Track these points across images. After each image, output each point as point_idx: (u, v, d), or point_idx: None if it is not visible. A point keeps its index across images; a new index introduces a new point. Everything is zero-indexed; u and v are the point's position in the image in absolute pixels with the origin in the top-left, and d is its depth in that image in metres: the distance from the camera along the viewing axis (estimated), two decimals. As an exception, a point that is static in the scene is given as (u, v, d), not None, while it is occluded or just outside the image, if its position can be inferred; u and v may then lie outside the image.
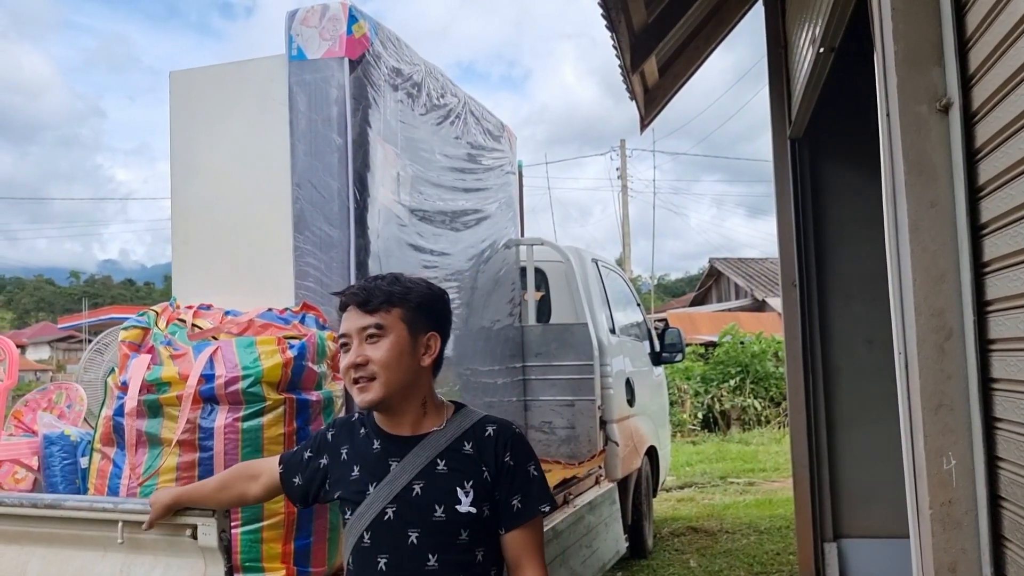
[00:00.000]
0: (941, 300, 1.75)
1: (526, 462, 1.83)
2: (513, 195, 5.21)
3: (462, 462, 1.78)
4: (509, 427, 1.86)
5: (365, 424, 1.90)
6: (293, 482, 1.95)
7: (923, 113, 1.78)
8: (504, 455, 1.80)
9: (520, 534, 1.77)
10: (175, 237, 3.58)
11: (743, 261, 26.67)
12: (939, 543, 1.72)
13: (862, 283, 4.89)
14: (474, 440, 1.81)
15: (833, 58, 3.63)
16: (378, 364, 1.77)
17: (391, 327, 1.80)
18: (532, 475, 1.82)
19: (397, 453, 1.80)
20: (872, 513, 4.79)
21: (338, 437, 1.91)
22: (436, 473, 1.77)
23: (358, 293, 1.83)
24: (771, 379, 15.07)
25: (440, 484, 1.76)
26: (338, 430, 1.93)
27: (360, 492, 1.79)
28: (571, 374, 5.10)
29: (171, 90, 3.59)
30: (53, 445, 3.04)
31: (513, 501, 1.77)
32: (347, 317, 1.83)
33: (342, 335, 1.83)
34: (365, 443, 1.86)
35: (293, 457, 1.99)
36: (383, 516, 1.75)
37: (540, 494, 1.82)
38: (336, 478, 1.87)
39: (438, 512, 1.74)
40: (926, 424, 1.75)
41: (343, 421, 1.98)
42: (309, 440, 2.01)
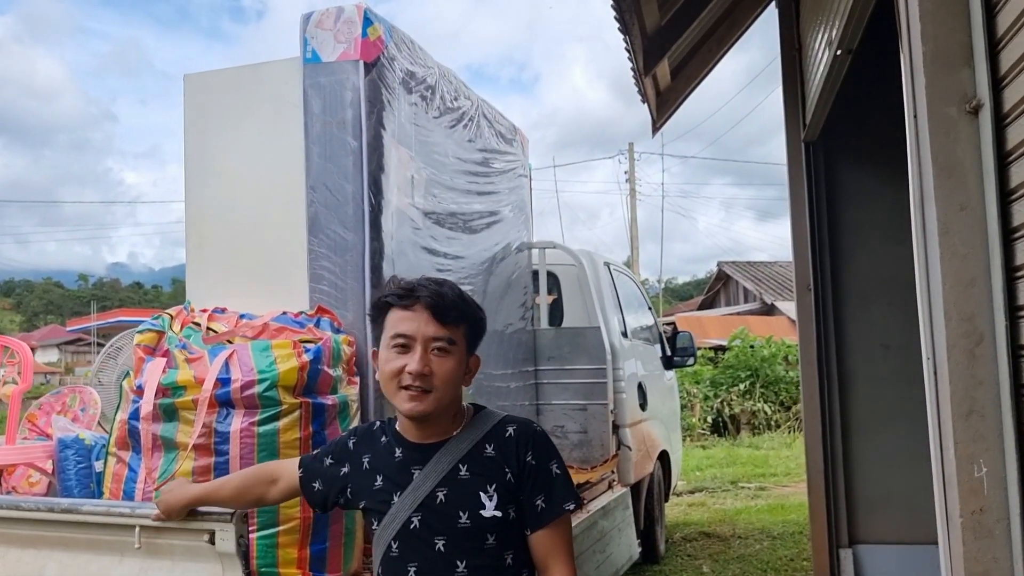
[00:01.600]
0: (972, 304, 1.72)
1: (548, 460, 1.79)
2: (525, 198, 5.19)
3: (484, 465, 1.75)
4: (530, 425, 1.83)
5: (386, 432, 1.88)
6: (313, 487, 1.93)
7: (952, 115, 1.76)
8: (526, 455, 1.76)
9: (546, 534, 1.74)
10: (189, 240, 3.57)
11: (752, 265, 26.59)
12: (970, 552, 1.69)
13: (878, 287, 4.86)
14: (495, 442, 1.78)
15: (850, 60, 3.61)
16: (440, 379, 1.74)
17: (459, 344, 1.78)
18: (555, 473, 1.78)
19: (420, 461, 1.77)
20: (888, 519, 4.75)
21: (359, 445, 1.89)
22: (459, 479, 1.74)
23: (433, 298, 1.76)
24: (781, 383, 15.00)
25: (463, 490, 1.73)
26: (359, 439, 1.91)
27: (385, 502, 1.77)
28: (584, 378, 5.08)
29: (185, 93, 3.59)
30: (68, 449, 3.03)
31: (537, 501, 1.74)
32: (413, 318, 1.75)
33: (403, 335, 1.74)
34: (387, 452, 1.83)
35: (313, 462, 1.97)
36: (409, 525, 1.73)
37: (564, 492, 1.77)
38: (359, 487, 1.84)
39: (463, 519, 1.71)
40: (956, 431, 1.72)
41: (364, 430, 1.95)
42: (329, 446, 1.98)
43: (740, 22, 5.89)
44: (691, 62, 6.11)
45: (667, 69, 5.84)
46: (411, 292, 1.77)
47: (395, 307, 1.78)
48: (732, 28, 5.95)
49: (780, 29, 5.07)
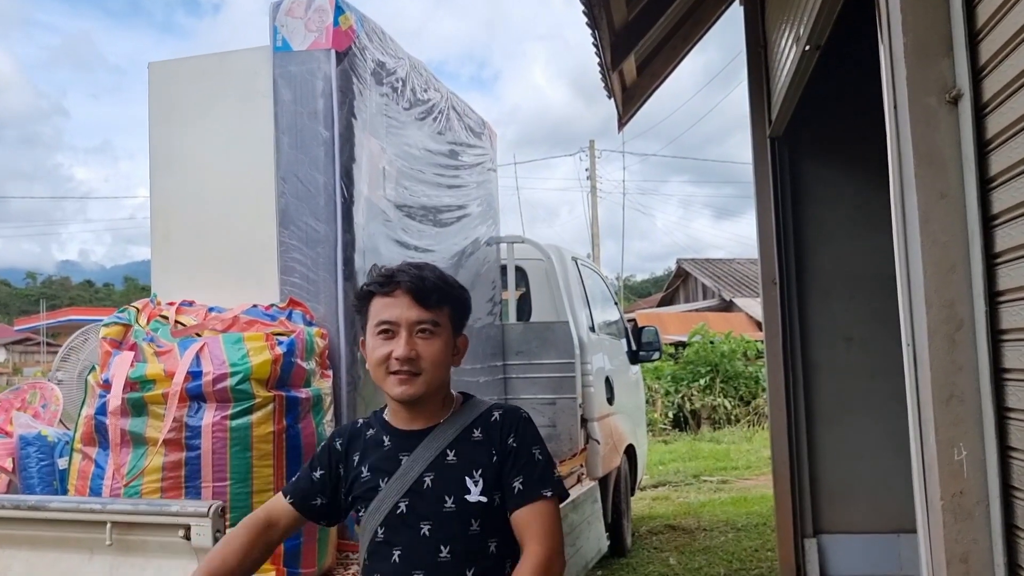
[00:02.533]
0: (952, 291, 1.75)
1: (531, 444, 1.78)
2: (493, 192, 5.18)
3: (471, 450, 1.76)
4: (517, 411, 1.84)
5: (372, 425, 1.87)
6: (314, 505, 1.84)
7: (932, 105, 1.78)
8: (508, 437, 1.77)
9: (524, 515, 1.71)
10: (154, 233, 3.49)
11: (711, 262, 26.89)
12: (950, 534, 1.72)
13: (841, 281, 4.94)
14: (482, 426, 1.79)
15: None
16: (428, 361, 1.74)
17: (444, 325, 1.79)
18: (536, 458, 1.77)
19: (407, 447, 1.77)
20: (852, 509, 4.83)
21: (347, 445, 1.86)
22: (446, 464, 1.74)
23: (413, 281, 1.77)
24: (741, 378, 15.20)
25: (450, 474, 1.73)
26: (345, 438, 1.88)
27: (373, 489, 1.76)
28: (552, 372, 5.08)
29: (150, 82, 3.50)
30: (30, 446, 2.94)
31: (515, 483, 1.73)
32: (395, 304, 1.76)
33: (386, 321, 1.75)
34: (374, 443, 1.82)
35: (300, 484, 1.88)
36: (396, 510, 1.73)
37: (542, 477, 1.75)
38: (350, 483, 1.83)
39: (448, 503, 1.71)
40: (937, 416, 1.75)
41: (347, 428, 1.92)
42: (314, 459, 1.90)
43: (705, 19, 5.94)
44: (656, 58, 6.15)
45: (633, 65, 5.87)
46: (391, 278, 1.78)
47: (377, 295, 1.79)
48: (697, 25, 6.00)
49: (745, 26, 5.11)
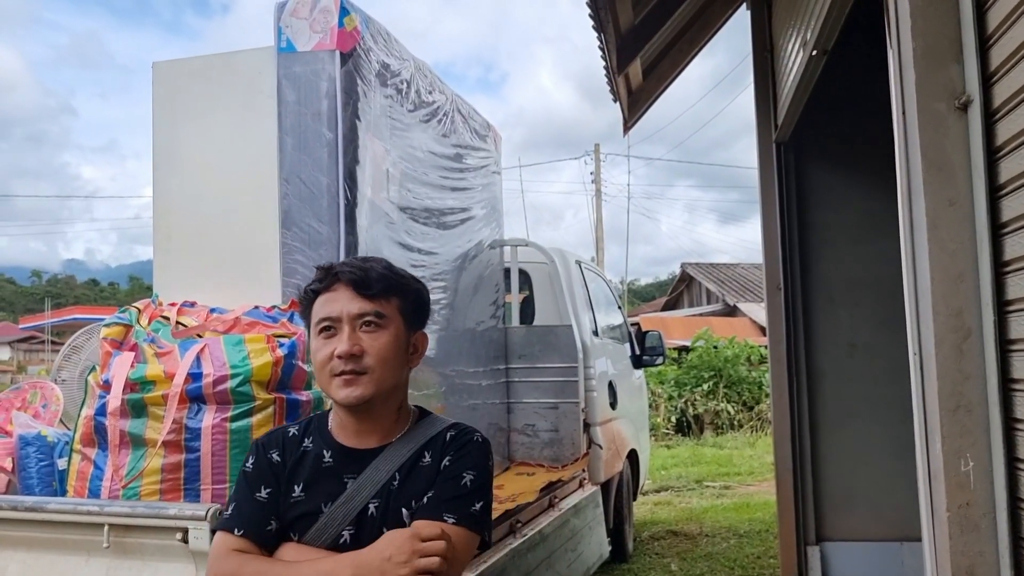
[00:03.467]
0: (959, 300, 1.73)
1: (464, 468, 1.59)
2: (498, 195, 5.17)
3: (417, 476, 1.58)
4: (470, 433, 1.66)
5: (306, 434, 1.65)
6: (269, 532, 1.57)
7: (941, 111, 1.76)
8: (446, 457, 1.60)
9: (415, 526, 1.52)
10: (157, 232, 3.48)
11: (715, 266, 26.85)
12: (956, 546, 1.69)
13: (845, 288, 4.92)
14: (433, 449, 1.61)
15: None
16: (375, 358, 1.57)
17: (391, 318, 1.62)
18: (462, 482, 1.57)
19: (354, 469, 1.58)
20: (855, 516, 4.81)
21: (283, 455, 1.63)
22: (391, 490, 1.57)
23: (355, 272, 1.62)
24: (744, 383, 15.16)
25: (393, 504, 1.56)
26: (280, 448, 1.64)
27: (312, 514, 1.56)
28: (555, 376, 5.06)
29: (154, 81, 3.50)
30: (29, 446, 2.92)
31: (425, 497, 1.55)
32: (335, 298, 1.59)
33: (327, 319, 1.58)
34: (312, 458, 1.61)
35: (245, 511, 1.59)
36: (339, 540, 1.54)
37: (455, 499, 1.55)
38: (284, 504, 1.59)
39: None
40: (943, 425, 1.73)
41: (278, 438, 1.66)
42: (248, 478, 1.62)
43: (711, 24, 5.92)
44: (662, 62, 6.14)
45: (639, 69, 5.86)
46: (329, 272, 1.64)
47: (319, 293, 1.63)
48: (703, 29, 5.98)
49: (752, 31, 5.10)
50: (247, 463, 1.64)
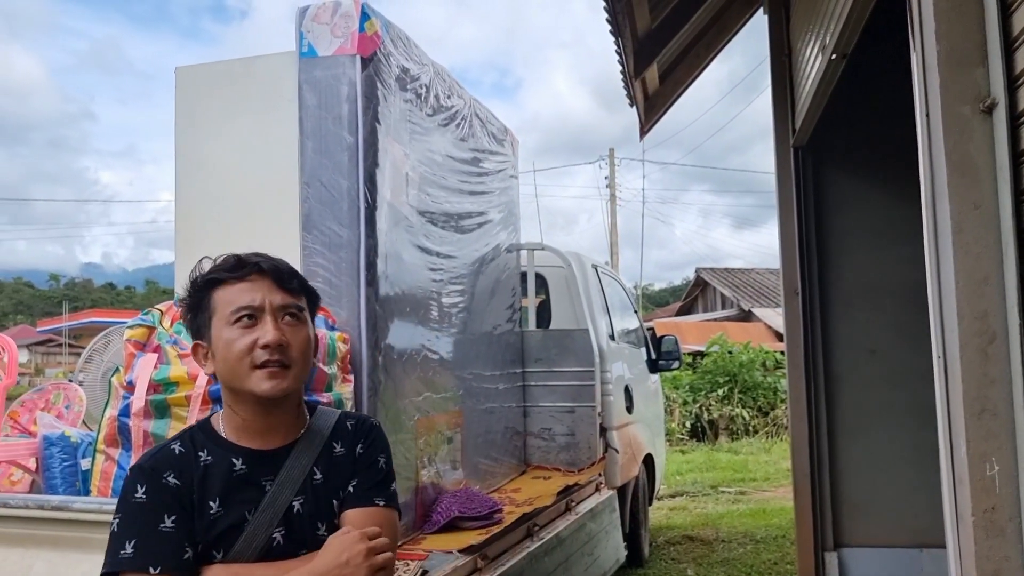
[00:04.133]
0: (984, 303, 1.72)
1: (378, 452, 1.65)
2: (515, 199, 5.18)
3: (336, 467, 1.60)
4: (367, 419, 1.71)
5: (199, 448, 1.55)
6: (187, 561, 1.47)
7: (966, 114, 1.76)
8: (358, 445, 1.63)
9: (356, 515, 1.56)
10: (179, 236, 3.52)
11: (730, 271, 26.76)
12: (981, 551, 1.69)
13: (864, 292, 4.90)
14: (341, 439, 1.63)
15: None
16: (297, 351, 1.54)
17: (306, 314, 1.61)
18: (379, 466, 1.64)
19: (269, 471, 1.54)
20: (873, 522, 4.77)
21: (181, 476, 1.51)
22: (314, 485, 1.56)
23: (270, 263, 1.60)
24: (759, 389, 15.09)
25: (320, 497, 1.57)
26: (175, 469, 1.52)
27: (237, 526, 1.50)
28: (571, 380, 5.07)
29: (176, 86, 3.53)
30: (53, 446, 2.97)
31: (350, 485, 1.59)
32: (254, 288, 1.55)
33: (248, 307, 1.53)
34: (219, 470, 1.52)
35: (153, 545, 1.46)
36: (272, 543, 1.51)
37: (379, 484, 1.62)
38: (202, 525, 1.50)
39: (321, 530, 1.55)
40: (968, 429, 1.72)
41: (167, 458, 1.54)
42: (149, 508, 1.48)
43: (728, 28, 5.92)
44: (679, 67, 6.14)
45: (656, 73, 5.86)
46: (243, 262, 1.59)
47: (226, 282, 1.57)
48: (720, 33, 5.98)
49: (770, 34, 5.09)
50: (135, 494, 1.48)
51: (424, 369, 3.63)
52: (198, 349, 1.58)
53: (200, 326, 1.58)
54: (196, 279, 1.60)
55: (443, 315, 3.89)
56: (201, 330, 1.58)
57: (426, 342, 3.68)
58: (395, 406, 3.30)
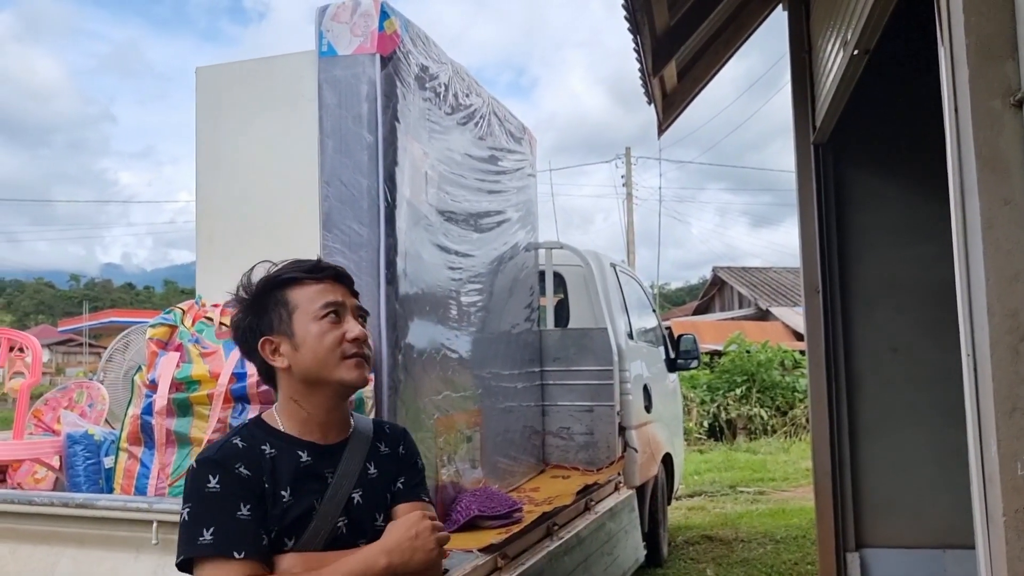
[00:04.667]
0: (1016, 300, 1.70)
1: (415, 454, 1.82)
2: (533, 198, 5.17)
3: (385, 464, 1.72)
4: (397, 425, 1.88)
5: (260, 442, 1.61)
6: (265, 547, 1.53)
7: (996, 108, 1.73)
8: (399, 447, 1.78)
9: (405, 508, 1.69)
10: (200, 235, 3.53)
11: (747, 270, 26.62)
12: (1013, 552, 1.66)
13: (886, 290, 4.85)
14: (383, 440, 1.76)
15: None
16: (369, 348, 1.69)
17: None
18: (419, 466, 1.81)
19: (330, 463, 1.63)
20: (895, 523, 4.73)
21: (250, 468, 1.56)
22: (370, 479, 1.67)
23: (339, 270, 1.75)
24: (777, 388, 15.00)
25: (376, 490, 1.68)
26: (243, 461, 1.57)
27: (307, 514, 1.57)
28: (590, 379, 5.05)
29: (197, 86, 3.55)
30: (77, 444, 2.98)
31: (399, 483, 1.73)
32: (333, 290, 1.68)
33: (334, 303, 1.65)
34: (285, 461, 1.59)
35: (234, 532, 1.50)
36: (336, 532, 1.59)
37: (421, 483, 1.79)
38: (274, 514, 1.56)
39: (379, 521, 1.66)
40: (999, 428, 1.69)
41: (235, 452, 1.58)
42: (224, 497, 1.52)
43: (747, 24, 5.88)
44: (697, 64, 6.10)
45: (674, 71, 5.82)
46: (320, 266, 1.73)
47: (302, 283, 1.68)
48: (739, 30, 5.94)
49: (790, 31, 5.05)
50: (209, 484, 1.52)
51: (443, 368, 3.63)
52: (267, 344, 1.65)
53: (273, 322, 1.65)
54: (272, 278, 1.69)
55: (462, 314, 3.89)
56: (274, 325, 1.65)
57: (445, 341, 3.68)
58: (415, 405, 3.30)
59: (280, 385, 1.68)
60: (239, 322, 1.70)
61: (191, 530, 1.51)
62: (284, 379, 1.66)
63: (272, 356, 1.65)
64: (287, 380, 1.66)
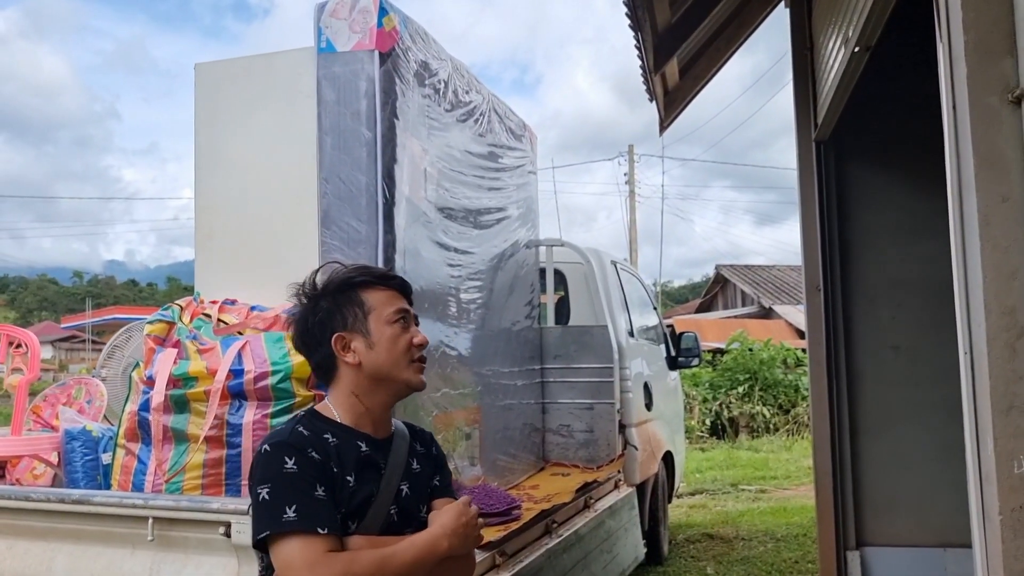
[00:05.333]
0: (1013, 298, 1.69)
1: (444, 456, 1.94)
2: (533, 195, 5.17)
3: (424, 462, 1.83)
4: (424, 428, 1.97)
5: (322, 431, 1.67)
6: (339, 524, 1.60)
7: (994, 105, 1.72)
8: (432, 448, 1.89)
9: (443, 503, 1.79)
10: (198, 232, 3.53)
11: (750, 268, 26.58)
12: (1009, 550, 1.65)
13: (887, 289, 4.83)
14: (418, 440, 1.86)
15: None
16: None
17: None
18: (448, 467, 1.93)
19: (383, 456, 1.73)
20: (896, 521, 4.72)
21: (319, 453, 1.62)
22: (414, 473, 1.78)
23: (402, 279, 1.85)
24: (780, 386, 14.98)
25: (420, 484, 1.78)
26: (312, 447, 1.62)
27: (368, 499, 1.65)
28: (590, 377, 5.04)
29: (196, 83, 3.55)
30: (75, 440, 2.99)
31: (435, 480, 1.84)
32: (399, 298, 1.79)
33: (403, 310, 1.77)
34: (347, 450, 1.66)
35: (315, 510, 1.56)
36: (391, 519, 1.69)
37: (451, 481, 1.92)
38: (342, 497, 1.63)
39: (422, 512, 1.76)
40: (996, 426, 1.69)
41: (302, 438, 1.64)
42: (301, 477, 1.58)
43: (749, 22, 5.86)
44: (699, 61, 6.09)
45: (676, 68, 5.81)
46: (389, 275, 1.84)
47: (375, 287, 1.77)
48: (741, 28, 5.92)
49: (792, 28, 5.03)
50: (287, 465, 1.57)
51: (442, 365, 3.62)
52: (340, 340, 1.71)
53: (348, 319, 1.73)
54: (348, 278, 1.77)
55: (461, 311, 3.88)
56: (348, 323, 1.72)
57: (444, 338, 3.68)
58: (413, 402, 3.29)
59: (341, 380, 1.73)
60: (307, 317, 1.75)
61: (273, 508, 1.54)
62: (349, 374, 1.72)
63: (344, 352, 1.71)
64: (353, 375, 1.72)
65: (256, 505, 1.57)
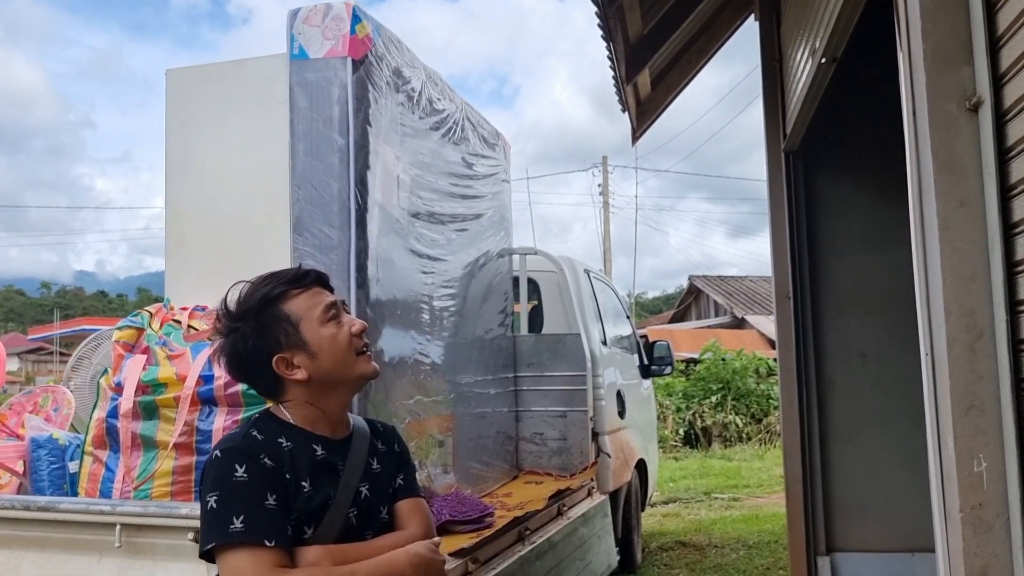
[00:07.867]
0: (972, 300, 1.73)
1: (408, 452, 1.88)
2: (507, 203, 5.19)
3: (385, 460, 1.76)
4: (386, 423, 1.91)
5: (275, 435, 1.62)
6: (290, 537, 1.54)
7: (952, 111, 1.77)
8: (394, 444, 1.83)
9: (407, 505, 1.75)
10: (169, 238, 3.51)
11: (723, 279, 26.80)
12: (970, 547, 1.69)
13: (855, 297, 4.90)
14: (379, 437, 1.79)
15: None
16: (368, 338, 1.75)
17: None
18: (412, 463, 1.88)
19: (340, 457, 1.66)
20: (866, 527, 4.77)
21: (272, 459, 1.57)
22: (374, 473, 1.71)
23: (318, 272, 1.77)
24: (752, 396, 15.10)
25: (381, 484, 1.72)
26: (265, 452, 1.58)
27: (324, 504, 1.61)
28: (563, 385, 5.06)
29: (168, 88, 3.53)
30: (41, 449, 2.94)
31: (397, 480, 1.78)
32: (322, 292, 1.70)
33: (330, 304, 1.67)
34: (301, 454, 1.61)
35: (264, 521, 1.51)
36: (349, 522, 1.64)
37: (415, 479, 1.85)
38: (297, 503, 1.58)
39: (383, 513, 1.71)
40: (956, 426, 1.72)
41: (255, 443, 1.59)
42: (251, 485, 1.53)
43: (720, 34, 5.95)
44: (671, 72, 6.16)
45: (648, 79, 5.88)
46: (303, 273, 1.74)
47: (293, 294, 1.67)
48: (711, 40, 6.01)
49: (761, 40, 5.11)
50: (236, 473, 1.52)
51: (415, 373, 3.62)
52: (282, 361, 1.63)
53: (280, 338, 1.63)
54: (267, 293, 1.65)
55: (435, 319, 3.89)
56: (282, 341, 1.63)
57: (417, 346, 3.68)
58: (385, 409, 3.29)
59: (292, 395, 1.66)
60: (236, 347, 1.65)
61: (219, 518, 1.50)
62: (299, 389, 1.65)
63: (289, 371, 1.63)
64: (303, 389, 1.65)
65: (204, 514, 1.52)
